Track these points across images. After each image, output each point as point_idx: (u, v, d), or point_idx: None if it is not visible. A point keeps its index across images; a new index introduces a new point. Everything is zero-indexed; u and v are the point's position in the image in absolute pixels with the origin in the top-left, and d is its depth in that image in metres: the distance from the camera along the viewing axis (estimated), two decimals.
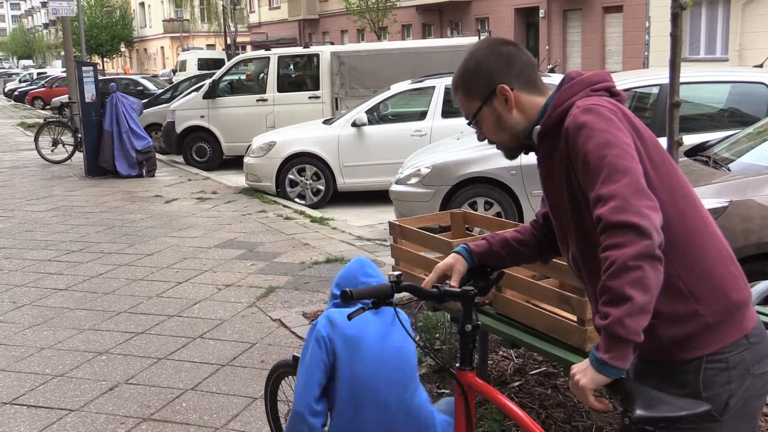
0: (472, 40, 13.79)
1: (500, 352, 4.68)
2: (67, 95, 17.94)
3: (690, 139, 5.89)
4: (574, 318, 3.27)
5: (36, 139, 15.20)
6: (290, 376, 3.41)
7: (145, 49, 68.16)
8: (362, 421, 2.64)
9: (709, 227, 1.97)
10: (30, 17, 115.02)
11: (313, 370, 2.64)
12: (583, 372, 1.81)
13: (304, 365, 2.68)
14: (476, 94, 2.13)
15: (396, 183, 8.39)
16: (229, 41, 37.75)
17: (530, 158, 2.27)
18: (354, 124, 10.46)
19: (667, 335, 1.91)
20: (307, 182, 10.64)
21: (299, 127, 11.45)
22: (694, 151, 5.83)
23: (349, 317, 2.21)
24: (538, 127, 2.08)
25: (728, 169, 5.02)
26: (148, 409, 4.17)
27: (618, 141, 1.85)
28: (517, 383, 4.27)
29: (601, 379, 1.78)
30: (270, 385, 3.50)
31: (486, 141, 2.24)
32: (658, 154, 1.95)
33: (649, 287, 1.73)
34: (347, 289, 2.16)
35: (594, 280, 1.98)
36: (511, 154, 2.22)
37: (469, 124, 2.24)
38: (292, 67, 14.35)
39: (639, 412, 1.71)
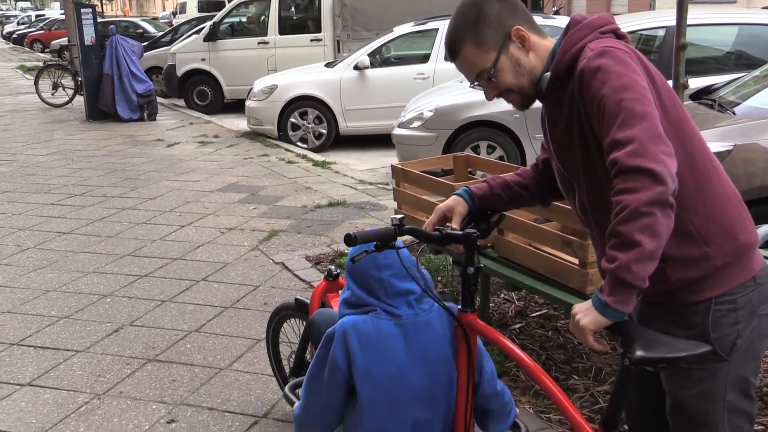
0: None
1: (501, 295, 4.72)
2: (66, 38, 17.72)
3: (696, 82, 5.84)
4: (576, 261, 3.28)
5: (36, 83, 15.09)
6: (292, 319, 3.44)
7: None
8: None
9: (717, 171, 1.97)
10: None
11: (330, 396, 2.25)
12: (584, 312, 1.82)
13: (315, 384, 2.27)
14: (490, 43, 2.02)
15: (398, 126, 8.34)
16: None
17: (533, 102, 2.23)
18: (356, 67, 10.36)
19: (676, 278, 1.93)
20: (309, 126, 10.58)
21: (301, 70, 11.34)
22: (700, 95, 5.78)
23: (353, 260, 2.22)
24: (548, 74, 2.03)
25: (733, 113, 4.98)
26: (153, 350, 4.22)
27: (635, 85, 1.82)
28: (518, 325, 4.31)
29: (603, 321, 1.80)
30: (272, 327, 3.53)
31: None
32: (670, 99, 1.93)
33: (659, 234, 1.73)
34: (350, 233, 2.15)
35: (602, 226, 1.97)
36: (526, 103, 2.13)
37: (474, 85, 2.14)
38: (293, 9, 14.16)
39: (639, 353, 1.72)
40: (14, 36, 40.55)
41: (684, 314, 1.95)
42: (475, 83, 2.12)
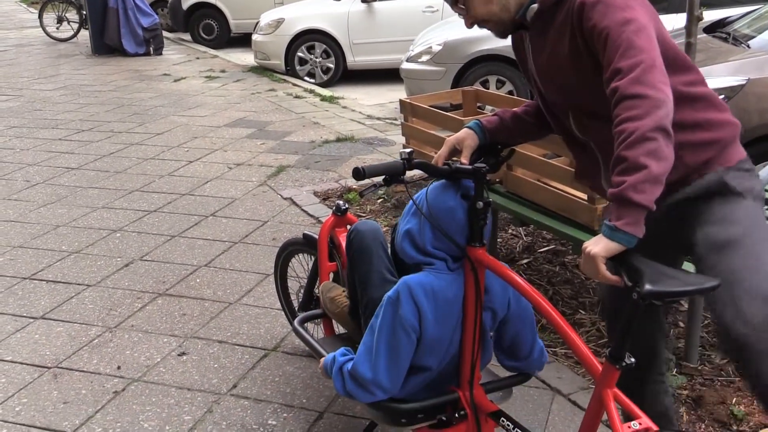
0: None
1: (509, 230, 4.72)
2: None
3: (710, 15, 5.72)
4: (584, 196, 3.27)
5: (40, 17, 14.92)
6: (300, 254, 3.46)
7: None
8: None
9: (716, 100, 2.16)
10: None
11: (401, 355, 2.23)
12: (594, 243, 1.84)
13: (386, 341, 2.23)
14: None
15: (407, 61, 8.24)
16: None
17: None
18: (364, 0, 10.19)
19: (694, 161, 2.08)
20: (317, 60, 10.47)
21: (308, 3, 11.17)
22: (714, 27, 5.67)
23: (361, 195, 2.22)
24: (535, 5, 2.10)
25: (748, 46, 4.89)
26: (163, 284, 4.26)
27: (635, 17, 1.89)
28: (525, 260, 4.33)
29: (613, 247, 1.81)
30: (280, 262, 3.55)
31: (474, 28, 2.24)
32: (663, 38, 2.02)
33: (664, 158, 1.79)
34: (358, 167, 2.15)
35: (602, 150, 2.12)
36: (501, 31, 2.22)
37: (454, 5, 2.21)
38: None
39: (648, 287, 1.72)
40: None
41: (709, 191, 2.09)
42: (457, 12, 2.22)
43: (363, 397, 2.27)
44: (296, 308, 3.48)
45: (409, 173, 2.30)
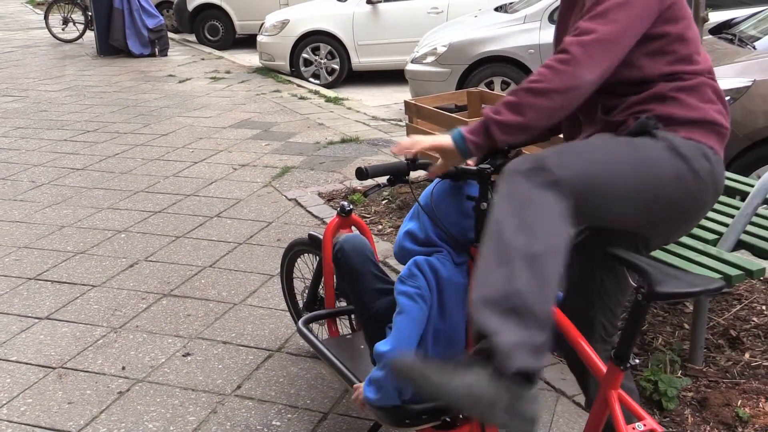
0: None
1: None
2: None
3: (716, 16, 5.72)
4: None
5: (46, 18, 14.95)
6: (306, 254, 3.46)
7: None
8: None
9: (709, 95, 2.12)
10: None
11: (414, 327, 2.25)
12: (439, 136, 2.08)
13: (406, 318, 2.25)
14: None
15: (412, 62, 8.25)
16: None
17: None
18: (369, 1, 10.20)
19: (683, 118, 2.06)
20: (322, 61, 10.48)
21: (313, 4, 11.18)
22: (720, 29, 5.67)
23: (365, 195, 2.22)
24: None
25: (753, 48, 4.89)
26: (168, 285, 4.26)
27: None
28: None
29: (446, 142, 2.04)
30: (286, 263, 3.56)
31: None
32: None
33: (544, 118, 1.92)
34: (362, 167, 2.15)
35: (586, 117, 2.17)
36: None
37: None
38: None
39: (653, 288, 1.72)
40: None
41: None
42: None
43: (392, 380, 2.25)
44: (301, 308, 3.48)
45: (414, 174, 2.30)
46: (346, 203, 3.09)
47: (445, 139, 2.05)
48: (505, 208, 1.85)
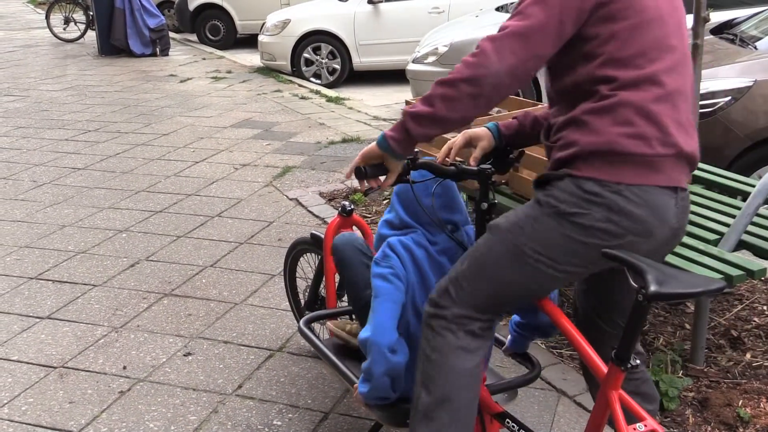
0: None
1: None
2: None
3: (717, 16, 5.71)
4: None
5: (47, 17, 14.96)
6: (308, 254, 3.46)
7: None
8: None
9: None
10: None
11: (391, 307, 2.27)
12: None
13: (377, 294, 2.29)
14: None
15: (413, 62, 8.24)
16: None
17: None
18: (370, 1, 10.20)
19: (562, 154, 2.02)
20: (323, 61, 10.48)
21: (314, 4, 11.18)
22: (721, 29, 5.67)
23: (365, 194, 2.22)
24: None
25: (755, 48, 4.88)
26: (169, 284, 4.27)
27: None
28: None
29: (373, 150, 2.09)
30: (289, 262, 3.56)
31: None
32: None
33: (456, 109, 1.92)
34: (361, 166, 2.15)
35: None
36: None
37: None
38: None
39: (653, 288, 1.72)
40: None
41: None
42: None
43: (377, 365, 2.25)
44: (303, 308, 3.48)
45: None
46: (347, 203, 3.09)
47: (371, 145, 2.11)
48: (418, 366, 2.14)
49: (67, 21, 14.94)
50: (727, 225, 3.23)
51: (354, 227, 3.15)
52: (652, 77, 1.90)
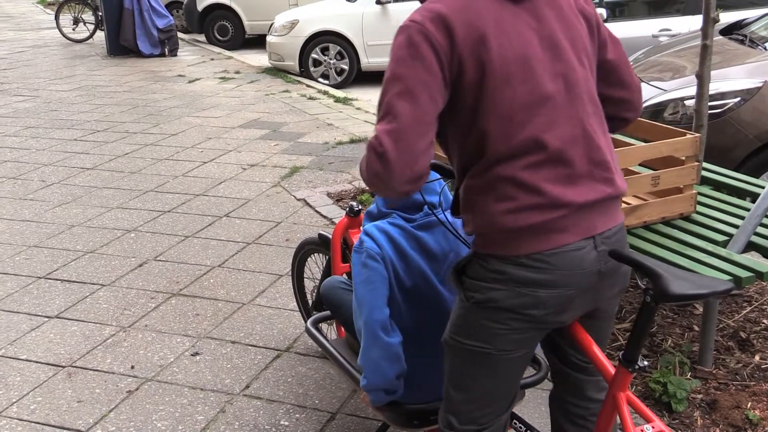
0: None
1: None
2: None
3: (726, 17, 5.70)
4: None
5: (56, 18, 15.01)
6: (316, 254, 3.47)
7: None
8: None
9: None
10: None
11: (376, 289, 2.29)
12: None
13: (360, 284, 2.31)
14: None
15: None
16: None
17: None
18: (378, 2, 10.19)
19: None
20: (331, 62, 10.48)
21: (322, 4, 11.18)
22: (730, 30, 5.65)
23: (372, 194, 2.23)
24: None
25: (764, 48, 4.87)
26: (177, 284, 4.27)
27: (405, 76, 1.75)
28: None
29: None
30: (297, 262, 3.56)
31: None
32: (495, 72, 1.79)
33: (372, 188, 1.83)
34: None
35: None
36: None
37: None
38: None
39: (661, 289, 1.72)
40: None
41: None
42: None
43: (372, 348, 2.28)
44: (311, 308, 3.48)
45: None
46: (354, 203, 3.09)
47: None
48: None
49: (76, 21, 14.98)
50: (735, 226, 3.22)
51: (361, 228, 3.15)
52: (528, 142, 1.78)
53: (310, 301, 3.60)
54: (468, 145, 1.84)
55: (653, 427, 1.82)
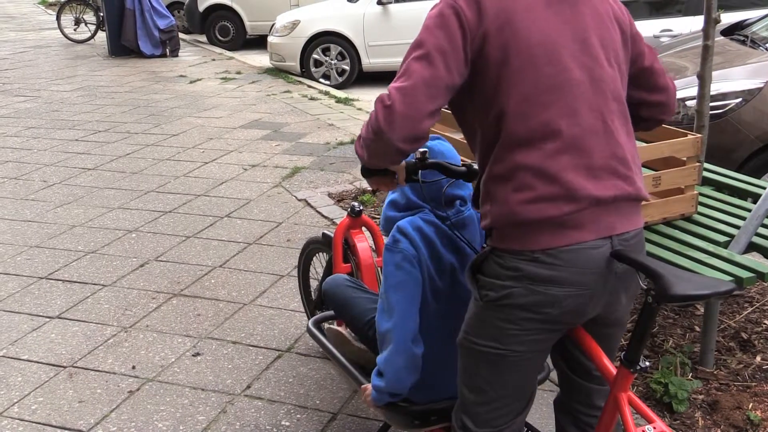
0: None
1: None
2: None
3: (728, 18, 5.70)
4: None
5: (58, 18, 15.01)
6: (321, 253, 3.47)
7: None
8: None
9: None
10: None
11: (409, 294, 2.22)
12: None
13: (393, 288, 2.23)
14: None
15: None
16: None
17: None
18: (379, 2, 10.20)
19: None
20: (332, 62, 10.48)
21: (323, 5, 11.19)
22: (731, 30, 5.64)
23: (374, 193, 2.23)
24: None
25: (766, 49, 4.87)
26: (178, 285, 4.28)
27: (427, 42, 1.82)
28: None
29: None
30: (302, 260, 3.57)
31: None
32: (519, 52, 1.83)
33: (369, 154, 1.93)
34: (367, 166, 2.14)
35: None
36: None
37: None
38: None
39: (663, 290, 1.72)
40: None
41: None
42: None
43: (399, 356, 2.22)
44: (314, 307, 3.48)
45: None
46: (356, 204, 3.09)
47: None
48: None
49: (77, 22, 14.99)
50: (737, 227, 3.22)
51: (363, 228, 3.15)
52: (545, 126, 1.79)
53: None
54: (487, 128, 1.86)
55: (654, 428, 1.82)
